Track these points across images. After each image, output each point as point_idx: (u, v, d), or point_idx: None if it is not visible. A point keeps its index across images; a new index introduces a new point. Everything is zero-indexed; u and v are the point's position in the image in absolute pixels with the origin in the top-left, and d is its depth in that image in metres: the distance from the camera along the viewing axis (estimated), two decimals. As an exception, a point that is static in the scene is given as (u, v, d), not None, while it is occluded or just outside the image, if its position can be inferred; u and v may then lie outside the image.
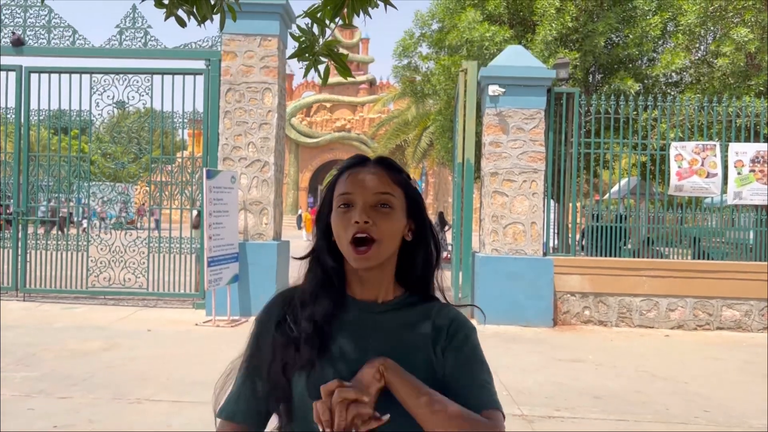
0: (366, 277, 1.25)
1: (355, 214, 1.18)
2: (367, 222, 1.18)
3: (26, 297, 9.54)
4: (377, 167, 1.25)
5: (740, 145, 8.82)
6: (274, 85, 9.01)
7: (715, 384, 6.01)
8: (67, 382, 5.43)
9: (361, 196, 1.20)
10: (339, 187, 1.24)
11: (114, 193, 10.58)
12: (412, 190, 1.27)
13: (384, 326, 1.24)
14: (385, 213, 1.20)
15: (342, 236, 1.20)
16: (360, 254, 1.18)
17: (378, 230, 1.19)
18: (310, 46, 1.47)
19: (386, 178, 1.23)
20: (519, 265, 8.57)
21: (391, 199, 1.22)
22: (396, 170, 1.26)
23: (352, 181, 1.22)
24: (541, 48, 10.64)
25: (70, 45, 9.40)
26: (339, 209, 1.22)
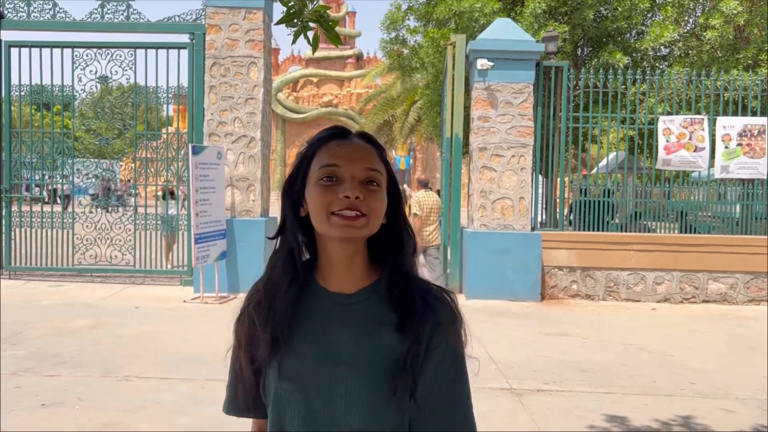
0: (338, 260, 1.14)
1: (346, 189, 1.08)
2: (359, 198, 1.08)
3: (11, 275, 9.45)
4: (363, 141, 1.16)
5: (728, 119, 8.83)
6: (259, 59, 8.88)
7: (701, 356, 6.08)
8: (55, 359, 5.40)
9: (350, 170, 1.10)
10: (320, 158, 1.13)
11: (99, 169, 10.46)
12: (391, 170, 1.18)
13: (354, 319, 1.14)
14: (374, 191, 1.11)
15: (322, 210, 1.09)
16: (348, 219, 1.08)
17: (367, 206, 1.09)
18: (298, 12, 1.41)
19: (374, 154, 1.15)
20: (507, 240, 8.58)
21: (380, 176, 1.13)
22: (379, 146, 1.18)
23: (338, 152, 1.12)
24: (530, 21, 10.55)
25: (50, 18, 9.20)
26: (321, 182, 1.10)
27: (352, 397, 1.10)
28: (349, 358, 1.11)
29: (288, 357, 1.12)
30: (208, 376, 4.88)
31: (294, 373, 1.12)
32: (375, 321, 1.14)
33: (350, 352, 1.12)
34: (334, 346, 1.12)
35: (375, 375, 1.10)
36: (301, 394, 1.11)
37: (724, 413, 4.49)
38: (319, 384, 1.11)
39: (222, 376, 1.26)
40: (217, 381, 4.87)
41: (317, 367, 1.11)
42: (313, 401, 1.11)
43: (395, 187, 1.18)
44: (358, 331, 1.13)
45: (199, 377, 4.90)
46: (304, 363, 1.12)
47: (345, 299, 1.15)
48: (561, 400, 4.71)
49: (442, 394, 1.13)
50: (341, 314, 1.15)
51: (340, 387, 1.10)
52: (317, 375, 1.11)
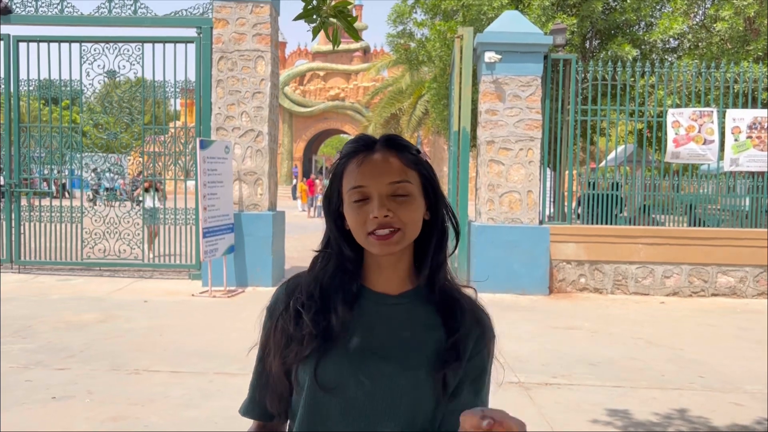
0: (384, 264, 1.17)
1: (374, 209, 1.09)
2: (387, 216, 1.09)
3: (21, 269, 9.51)
4: (387, 151, 1.14)
5: (738, 112, 8.76)
6: (267, 53, 8.88)
7: (710, 350, 6.05)
8: (65, 353, 5.43)
9: (375, 188, 1.11)
10: (348, 178, 1.14)
11: (107, 164, 10.50)
12: (425, 169, 1.17)
13: (395, 320, 1.16)
14: (404, 202, 1.11)
15: (360, 231, 1.12)
16: (383, 239, 1.10)
17: (399, 220, 1.10)
18: (317, 7, 1.39)
19: (399, 163, 1.13)
20: (515, 234, 8.57)
21: (408, 186, 1.12)
22: (405, 149, 1.16)
23: (362, 172, 1.12)
24: (538, 13, 10.49)
25: (58, 13, 9.22)
26: (353, 204, 1.12)
27: (394, 394, 1.11)
28: (391, 355, 1.13)
29: (329, 355, 1.12)
30: (217, 370, 4.90)
31: (335, 371, 1.12)
32: (419, 321, 1.16)
33: (393, 350, 1.13)
34: (376, 344, 1.14)
35: (418, 372, 1.12)
36: (342, 391, 1.11)
37: (733, 407, 4.47)
38: (361, 381, 1.11)
39: (230, 370, 1.27)
40: (225, 374, 4.89)
41: (359, 364, 1.12)
42: (355, 399, 1.11)
43: (432, 183, 1.17)
44: (401, 330, 1.15)
45: (207, 371, 4.92)
46: (346, 361, 1.12)
47: (389, 299, 1.17)
48: (569, 394, 4.71)
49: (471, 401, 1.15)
50: (385, 314, 1.17)
51: (382, 384, 1.11)
52: (359, 372, 1.12)
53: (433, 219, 1.17)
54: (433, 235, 1.18)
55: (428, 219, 1.17)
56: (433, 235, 1.18)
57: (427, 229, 1.17)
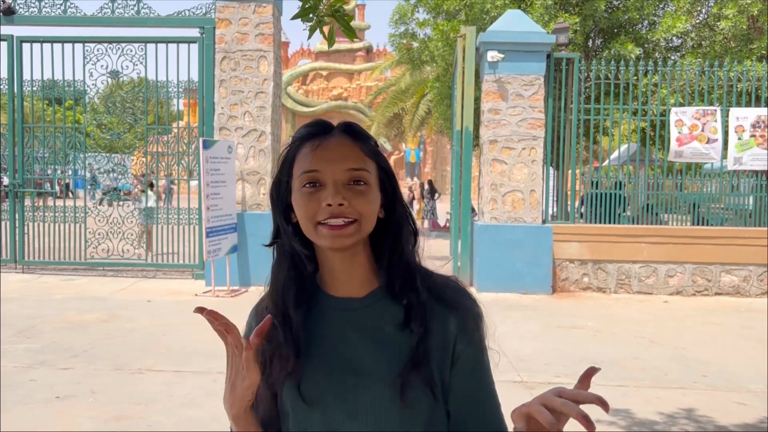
0: (338, 266, 1.07)
1: (327, 196, 1.00)
2: (342, 204, 1.00)
3: (25, 269, 9.54)
4: (345, 136, 1.05)
5: (741, 110, 8.74)
6: (269, 53, 8.88)
7: (714, 349, 6.04)
8: (68, 353, 5.45)
9: (331, 174, 1.01)
10: (301, 161, 1.04)
11: (110, 164, 10.52)
12: (383, 161, 1.08)
13: (368, 325, 1.07)
14: (361, 191, 1.02)
15: (308, 221, 1.02)
16: (335, 229, 1.00)
17: (354, 210, 1.01)
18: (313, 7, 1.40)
19: (358, 150, 1.04)
20: (518, 233, 8.56)
21: (366, 174, 1.03)
22: (365, 137, 1.07)
23: (317, 155, 1.02)
24: (541, 12, 10.47)
25: (61, 13, 9.24)
26: (304, 189, 1.03)
27: (376, 410, 1.02)
28: (368, 369, 1.04)
29: (306, 373, 1.05)
30: (220, 369, 4.88)
31: (313, 389, 1.04)
32: (391, 324, 1.06)
33: (368, 362, 1.04)
34: (351, 357, 1.05)
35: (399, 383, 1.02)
36: (323, 411, 1.04)
37: (736, 406, 4.46)
38: (341, 399, 1.03)
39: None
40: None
41: (336, 381, 1.04)
42: (335, 418, 1.03)
43: (390, 177, 1.08)
44: (374, 337, 1.06)
45: (210, 370, 4.93)
46: (323, 378, 1.05)
47: (354, 304, 1.08)
48: (572, 393, 4.69)
49: (471, 395, 1.07)
50: (353, 320, 1.07)
51: (363, 400, 1.03)
52: (338, 390, 1.04)
53: (388, 216, 1.08)
54: (388, 234, 1.08)
55: (382, 217, 1.07)
56: (388, 233, 1.08)
57: (380, 227, 1.07)
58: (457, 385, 1.06)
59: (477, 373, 1.08)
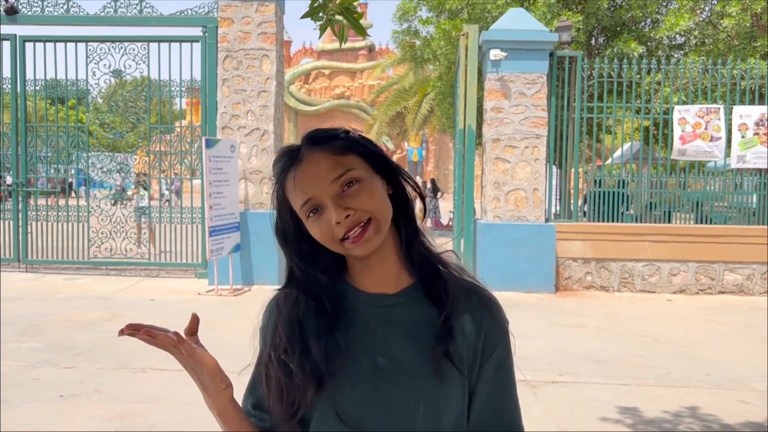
0: (371, 263, 1.07)
1: (331, 215, 1.00)
2: (349, 216, 1.00)
3: (28, 268, 9.55)
4: (313, 151, 1.04)
5: (745, 108, 8.72)
6: (272, 52, 8.88)
7: (717, 348, 6.03)
8: (72, 352, 5.45)
9: (321, 193, 1.01)
10: (293, 197, 1.05)
11: (113, 163, 10.52)
12: (362, 147, 1.06)
13: (402, 321, 1.06)
14: (357, 190, 1.01)
15: (330, 243, 1.03)
16: (359, 240, 1.00)
17: (363, 210, 1.01)
18: (322, 5, 1.39)
19: (330, 157, 1.03)
20: (521, 232, 8.55)
21: (351, 173, 1.02)
22: (330, 137, 1.06)
23: (300, 184, 1.03)
24: (544, 10, 10.46)
25: (64, 13, 9.25)
26: (310, 218, 1.03)
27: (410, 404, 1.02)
28: (405, 367, 1.03)
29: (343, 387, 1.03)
30: (224, 368, 4.89)
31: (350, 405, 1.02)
32: (426, 321, 1.06)
33: (405, 359, 1.04)
34: (388, 355, 1.04)
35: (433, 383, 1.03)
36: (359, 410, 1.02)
37: (740, 404, 4.45)
38: (379, 398, 1.02)
39: (237, 368, 1.26)
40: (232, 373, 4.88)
41: (375, 380, 1.03)
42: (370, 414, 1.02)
43: (373, 155, 1.06)
44: (409, 334, 1.05)
45: (214, 369, 4.92)
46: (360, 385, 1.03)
47: (387, 300, 1.07)
48: (576, 392, 4.70)
49: (492, 395, 1.09)
50: (386, 317, 1.06)
51: (401, 398, 1.02)
52: (376, 389, 1.02)
53: (395, 191, 1.08)
54: (400, 209, 1.08)
55: (392, 193, 1.07)
56: (401, 207, 1.08)
57: (396, 202, 1.08)
58: (481, 386, 1.08)
59: (500, 373, 1.10)
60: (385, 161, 1.07)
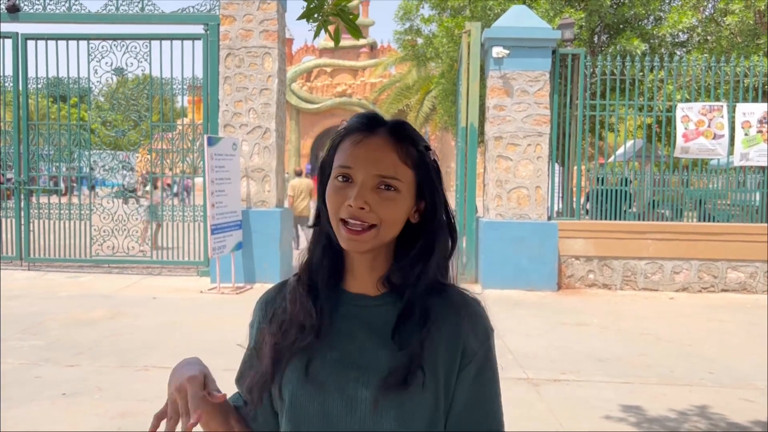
0: (358, 263, 1.08)
1: (351, 195, 1.01)
2: (363, 208, 1.00)
3: (30, 266, 9.56)
4: (388, 138, 1.04)
5: (748, 106, 8.69)
6: (274, 50, 8.87)
7: (720, 346, 6.02)
8: (74, 350, 5.45)
9: (361, 174, 1.02)
10: (340, 154, 1.05)
11: (115, 161, 10.52)
12: (426, 169, 1.06)
13: (375, 323, 1.07)
14: (388, 197, 1.02)
15: (332, 213, 1.04)
16: (354, 234, 1.01)
17: (376, 216, 1.01)
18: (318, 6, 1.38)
19: (395, 156, 1.03)
20: (523, 230, 8.53)
21: (395, 182, 1.02)
22: (411, 141, 1.06)
23: (354, 153, 1.03)
24: (546, 8, 10.44)
25: (66, 11, 9.24)
26: (335, 181, 1.04)
27: (377, 410, 1.02)
28: (371, 366, 1.04)
29: (317, 354, 1.06)
30: (225, 366, 4.88)
31: (320, 373, 1.05)
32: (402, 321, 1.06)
33: (372, 359, 1.04)
34: (356, 353, 1.05)
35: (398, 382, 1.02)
36: (322, 399, 1.04)
37: (743, 403, 4.44)
38: (341, 390, 1.04)
39: (239, 366, 1.25)
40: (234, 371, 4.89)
41: (340, 372, 1.04)
42: (333, 410, 1.04)
43: (429, 184, 1.07)
44: (380, 335, 1.06)
45: (216, 367, 4.89)
46: (329, 365, 1.05)
47: (367, 302, 1.09)
48: (578, 390, 4.69)
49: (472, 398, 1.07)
50: (362, 317, 1.08)
51: (362, 395, 1.03)
52: (340, 380, 1.04)
53: (423, 223, 1.08)
54: (419, 239, 1.07)
55: (415, 222, 1.07)
56: (420, 239, 1.07)
57: (413, 233, 1.08)
58: (460, 390, 1.07)
59: (480, 378, 1.08)
60: (433, 194, 1.07)
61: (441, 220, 1.09)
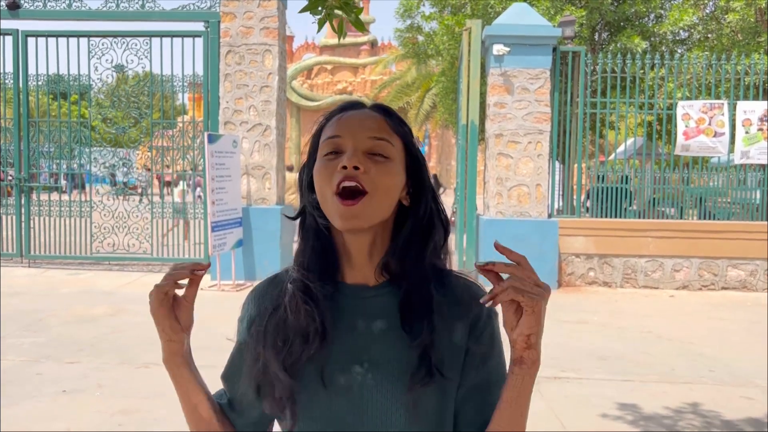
0: (355, 252, 1.03)
1: (344, 158, 0.97)
2: (358, 168, 0.96)
3: (31, 263, 9.56)
4: (374, 111, 1.03)
5: (749, 104, 8.69)
6: (274, 47, 8.86)
7: (720, 344, 6.02)
8: (75, 347, 5.46)
9: (351, 139, 0.98)
10: (326, 131, 1.02)
11: (116, 158, 10.52)
12: (413, 146, 1.04)
13: (377, 314, 1.03)
14: (381, 162, 0.98)
15: (326, 189, 0.98)
16: (347, 205, 0.95)
17: (370, 180, 0.96)
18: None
19: (384, 124, 1.01)
20: (524, 228, 8.53)
21: (389, 147, 1.00)
22: (397, 118, 1.04)
23: (341, 122, 1.01)
24: (547, 5, 10.43)
25: (66, 8, 9.23)
26: (324, 158, 1.00)
27: (382, 405, 1.00)
28: (375, 361, 1.01)
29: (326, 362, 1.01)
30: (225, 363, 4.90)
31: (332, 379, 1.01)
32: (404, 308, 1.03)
33: (376, 354, 1.01)
34: (359, 347, 1.02)
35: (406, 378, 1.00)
36: (340, 399, 1.01)
37: (744, 401, 4.45)
38: (349, 390, 1.01)
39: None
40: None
41: (345, 370, 1.01)
42: (340, 411, 1.01)
43: (416, 161, 1.04)
44: (383, 327, 1.02)
45: (216, 364, 4.90)
46: (339, 366, 1.01)
47: (365, 292, 1.05)
48: (578, 388, 4.69)
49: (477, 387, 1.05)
50: (363, 309, 1.04)
51: (369, 394, 1.00)
52: (347, 380, 1.01)
53: (414, 207, 1.04)
54: (411, 224, 1.04)
55: (407, 205, 1.04)
56: (412, 223, 1.04)
57: (406, 217, 1.04)
58: (465, 379, 1.04)
59: (485, 366, 1.05)
60: (421, 172, 1.05)
61: (430, 204, 1.06)
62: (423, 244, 1.04)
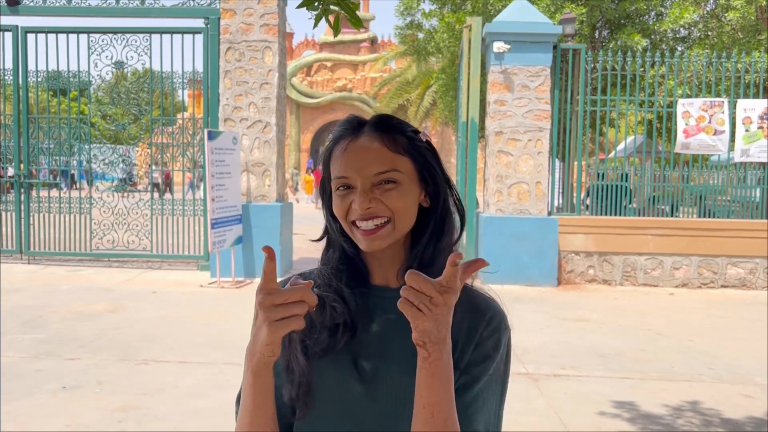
0: (378, 259, 1.10)
1: (355, 199, 1.03)
2: (369, 209, 1.02)
3: (31, 260, 9.56)
4: (374, 135, 1.06)
5: (749, 102, 8.68)
6: (274, 44, 8.85)
7: (720, 342, 6.03)
8: (75, 343, 5.46)
9: (359, 178, 1.03)
10: (334, 165, 1.07)
11: (115, 155, 10.51)
12: (420, 153, 1.07)
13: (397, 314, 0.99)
14: (391, 189, 1.04)
15: (343, 221, 1.07)
16: (369, 234, 1.03)
17: (386, 208, 1.03)
18: (320, -6, 1.37)
19: (386, 151, 1.04)
20: (523, 225, 8.54)
21: (396, 174, 1.04)
22: (397, 130, 1.07)
23: (346, 161, 1.05)
24: (547, 3, 10.41)
25: (66, 4, 9.22)
26: (337, 192, 1.07)
27: (397, 398, 1.04)
28: (393, 357, 1.05)
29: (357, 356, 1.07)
30: (226, 360, 4.91)
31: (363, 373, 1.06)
32: None
33: (394, 351, 1.05)
34: (379, 343, 1.07)
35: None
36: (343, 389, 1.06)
37: (743, 398, 4.45)
38: (365, 382, 1.05)
39: (239, 360, 1.25)
40: (234, 364, 4.91)
41: (362, 363, 1.06)
42: (355, 398, 1.06)
43: (428, 167, 1.08)
44: (403, 326, 1.00)
45: (216, 361, 4.94)
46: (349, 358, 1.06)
47: (388, 293, 1.09)
48: (578, 385, 4.70)
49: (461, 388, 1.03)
50: (385, 309, 1.08)
51: (385, 387, 1.04)
52: (360, 371, 1.06)
53: (433, 206, 1.09)
54: (430, 223, 1.09)
55: (427, 207, 1.09)
56: (431, 223, 1.09)
57: (425, 217, 1.09)
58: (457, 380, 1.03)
59: (477, 372, 1.04)
60: (434, 176, 1.09)
61: (446, 200, 1.11)
62: (438, 240, 1.10)
